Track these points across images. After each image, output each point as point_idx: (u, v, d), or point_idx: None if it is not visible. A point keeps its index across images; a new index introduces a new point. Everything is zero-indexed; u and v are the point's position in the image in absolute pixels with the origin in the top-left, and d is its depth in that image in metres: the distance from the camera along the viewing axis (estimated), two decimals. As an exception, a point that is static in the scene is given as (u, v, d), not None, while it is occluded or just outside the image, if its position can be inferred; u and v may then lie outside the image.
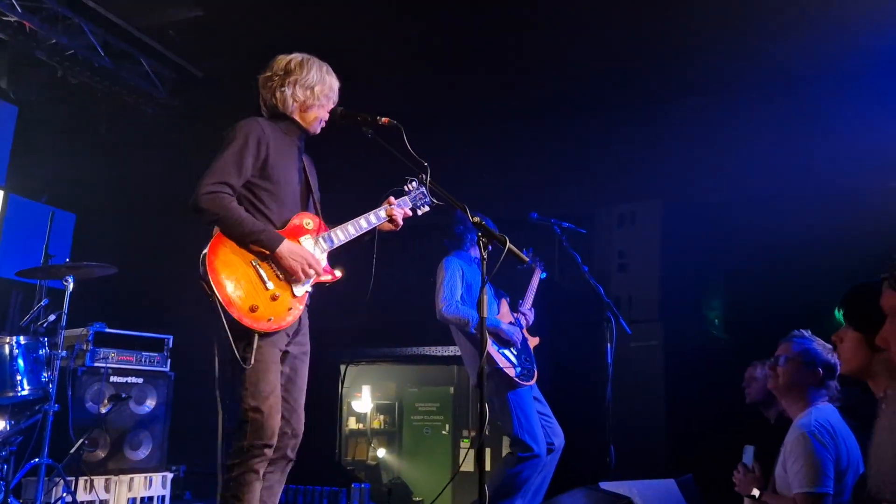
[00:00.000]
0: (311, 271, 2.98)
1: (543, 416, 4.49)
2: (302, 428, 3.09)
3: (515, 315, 4.69)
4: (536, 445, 4.28)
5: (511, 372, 4.36)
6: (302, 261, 2.94)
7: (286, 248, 2.91)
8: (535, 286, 4.78)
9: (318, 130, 3.22)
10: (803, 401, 2.94)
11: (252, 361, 2.81)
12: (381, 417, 6.90)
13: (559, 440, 4.49)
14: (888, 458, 1.32)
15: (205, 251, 2.83)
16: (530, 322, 4.74)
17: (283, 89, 3.12)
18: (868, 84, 5.05)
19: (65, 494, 4.56)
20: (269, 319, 2.87)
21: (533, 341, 4.70)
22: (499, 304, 4.66)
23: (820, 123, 5.21)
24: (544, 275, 4.81)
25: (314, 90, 3.13)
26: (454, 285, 4.45)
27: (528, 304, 4.75)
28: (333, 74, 3.23)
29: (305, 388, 3.14)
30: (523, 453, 4.27)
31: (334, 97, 3.23)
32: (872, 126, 4.93)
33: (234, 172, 2.92)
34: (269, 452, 2.87)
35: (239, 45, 5.85)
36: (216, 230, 2.92)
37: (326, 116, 3.21)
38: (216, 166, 2.91)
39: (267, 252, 2.91)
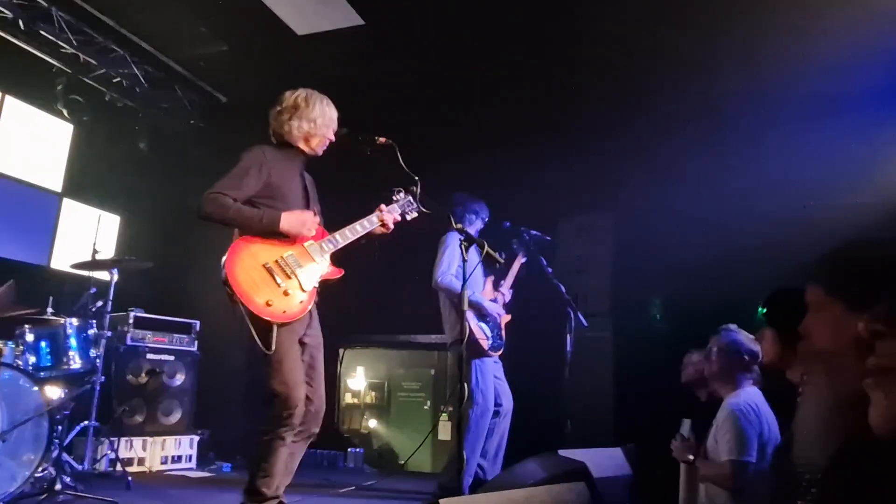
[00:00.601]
0: (312, 228, 3.02)
1: (497, 380, 4.50)
2: (323, 406, 3.09)
3: (496, 294, 4.66)
4: (485, 402, 4.33)
5: (484, 343, 4.37)
6: (300, 225, 2.97)
7: (285, 219, 2.94)
8: (516, 270, 4.73)
9: (321, 152, 3.23)
10: (733, 384, 2.96)
11: (274, 347, 2.82)
12: (373, 394, 6.86)
13: (508, 402, 4.50)
14: (807, 430, 1.35)
15: (223, 259, 2.86)
16: (507, 300, 4.71)
17: (290, 122, 3.13)
18: (789, 122, 5.13)
19: (109, 452, 4.56)
20: (284, 311, 2.88)
21: (505, 318, 4.68)
22: (485, 283, 4.62)
23: (749, 152, 5.27)
24: (525, 259, 4.75)
25: (316, 122, 3.14)
26: (452, 260, 4.40)
27: (507, 285, 4.71)
28: (332, 106, 3.24)
29: (323, 372, 3.16)
30: (472, 408, 4.29)
31: (333, 126, 3.23)
32: (791, 157, 5.01)
33: (232, 188, 2.95)
34: (294, 422, 2.88)
35: (257, 76, 5.84)
36: (235, 236, 2.95)
37: (327, 141, 3.21)
38: (218, 182, 2.95)
39: (275, 233, 2.94)
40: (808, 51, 4.75)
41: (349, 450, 6.14)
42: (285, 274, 2.94)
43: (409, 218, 3.34)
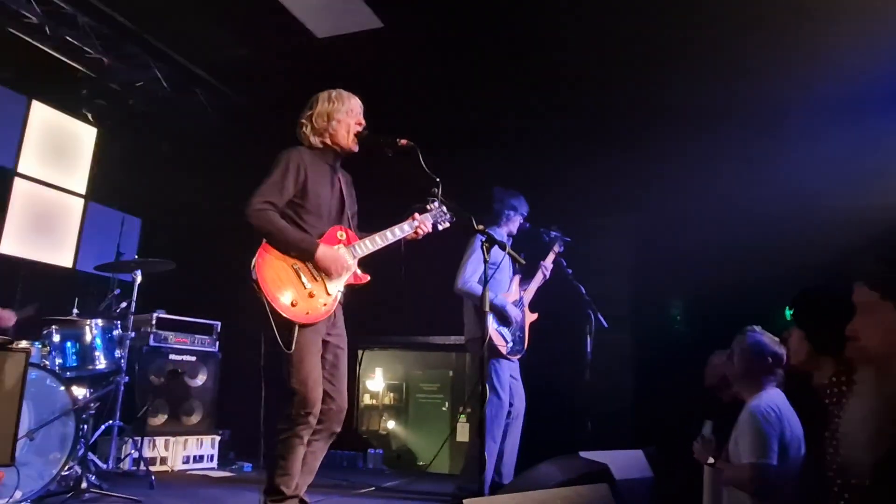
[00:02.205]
0: (343, 271, 2.99)
1: (513, 380, 4.44)
2: (346, 405, 3.09)
3: (521, 293, 4.58)
4: (500, 401, 4.28)
5: (503, 349, 4.33)
6: (334, 262, 2.96)
7: (321, 252, 2.94)
8: (546, 269, 4.61)
9: (354, 145, 3.16)
10: (755, 385, 2.92)
11: (294, 346, 2.84)
12: (391, 395, 6.87)
13: (520, 403, 4.44)
14: (859, 441, 1.33)
15: (254, 258, 2.90)
16: (529, 299, 4.59)
17: (308, 126, 3.14)
18: (812, 125, 5.10)
19: (132, 451, 4.63)
20: (307, 313, 2.90)
21: (531, 317, 4.60)
22: (510, 282, 4.56)
23: (771, 155, 5.24)
24: (561, 248, 4.65)
25: (331, 114, 3.12)
26: (476, 265, 4.34)
27: (535, 283, 4.58)
28: (351, 96, 3.20)
29: (346, 372, 3.16)
30: (489, 406, 4.22)
31: (357, 110, 3.19)
32: (813, 159, 4.98)
33: (277, 193, 2.96)
34: (312, 420, 2.89)
35: (277, 79, 5.89)
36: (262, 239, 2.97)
37: (355, 130, 3.16)
38: (262, 188, 2.96)
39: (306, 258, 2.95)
40: (827, 54, 4.71)
41: (368, 450, 6.17)
42: (312, 276, 2.96)
43: (440, 228, 3.31)
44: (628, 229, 5.57)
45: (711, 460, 2.99)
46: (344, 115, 3.15)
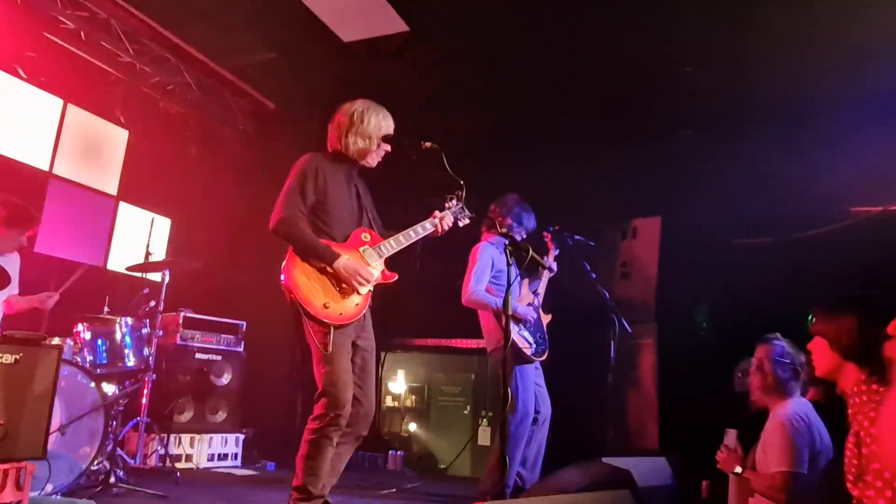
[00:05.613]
0: (363, 281, 2.97)
1: (537, 386, 4.37)
2: (373, 409, 3.10)
3: (532, 297, 4.48)
4: (524, 408, 4.21)
5: (527, 351, 4.25)
6: (354, 273, 2.94)
7: (341, 263, 2.93)
8: (547, 275, 4.50)
9: (375, 164, 3.22)
10: (783, 394, 2.89)
11: (330, 348, 2.86)
12: (413, 397, 6.87)
13: (546, 409, 4.36)
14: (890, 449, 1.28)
15: (284, 262, 2.93)
16: (539, 303, 4.53)
17: (346, 139, 3.12)
18: (839, 127, 5.02)
19: (159, 447, 4.69)
20: (340, 313, 2.92)
21: (546, 318, 4.53)
22: (520, 286, 4.48)
23: (797, 157, 5.17)
24: (557, 251, 4.54)
25: (372, 138, 3.12)
26: (481, 274, 4.25)
27: (542, 285, 4.51)
28: (389, 118, 3.20)
29: (374, 376, 3.17)
30: (513, 414, 4.18)
31: (390, 131, 3.20)
32: (832, 165, 4.91)
33: (301, 199, 2.98)
34: (342, 422, 2.90)
35: (304, 82, 5.94)
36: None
37: (383, 153, 3.20)
38: (286, 196, 2.98)
39: (332, 239, 2.98)
40: (853, 55, 4.63)
41: (390, 452, 6.18)
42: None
43: (461, 224, 3.31)
44: (653, 232, 5.50)
45: (738, 469, 2.94)
46: (377, 138, 3.14)
